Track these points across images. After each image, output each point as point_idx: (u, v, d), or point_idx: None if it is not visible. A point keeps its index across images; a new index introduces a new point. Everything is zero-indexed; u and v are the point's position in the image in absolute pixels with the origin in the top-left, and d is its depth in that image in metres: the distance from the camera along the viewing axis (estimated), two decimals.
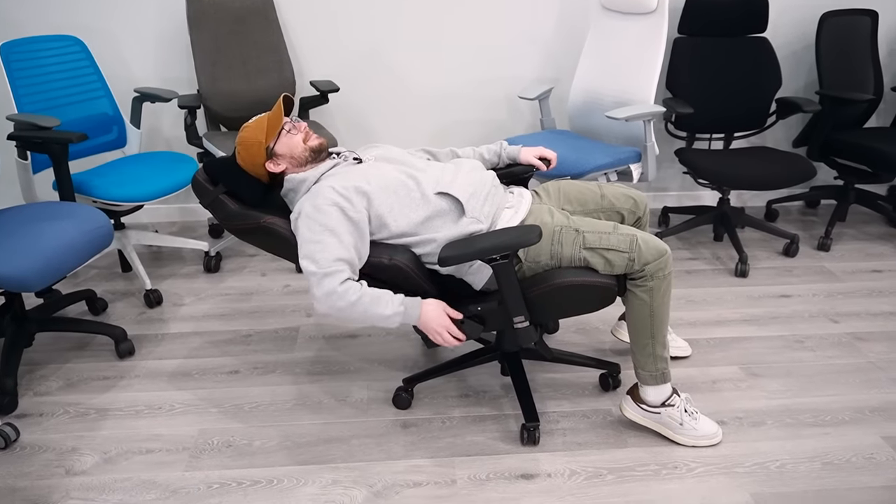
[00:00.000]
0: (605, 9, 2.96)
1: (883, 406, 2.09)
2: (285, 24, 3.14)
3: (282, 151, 1.88)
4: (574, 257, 1.81)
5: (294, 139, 1.89)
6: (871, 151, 2.93)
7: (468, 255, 1.70)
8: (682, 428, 1.92)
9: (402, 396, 2.10)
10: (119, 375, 2.26)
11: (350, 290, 1.68)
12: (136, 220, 3.44)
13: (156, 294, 2.68)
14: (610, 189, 2.08)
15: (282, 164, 1.89)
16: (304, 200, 1.79)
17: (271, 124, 1.87)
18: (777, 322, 2.55)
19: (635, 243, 1.78)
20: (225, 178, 1.91)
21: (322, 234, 1.71)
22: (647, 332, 1.85)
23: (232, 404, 2.12)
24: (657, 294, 1.81)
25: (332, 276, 1.68)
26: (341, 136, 3.37)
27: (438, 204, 1.81)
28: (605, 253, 1.79)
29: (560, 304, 1.83)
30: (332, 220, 1.72)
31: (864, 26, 3.18)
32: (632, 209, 2.07)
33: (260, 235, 1.87)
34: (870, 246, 3.16)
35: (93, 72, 2.79)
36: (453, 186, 1.82)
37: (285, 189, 1.90)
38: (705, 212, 3.19)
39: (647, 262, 1.78)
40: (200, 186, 1.92)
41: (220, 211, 1.88)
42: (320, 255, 1.70)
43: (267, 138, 1.87)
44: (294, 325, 2.55)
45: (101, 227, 2.16)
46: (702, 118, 3.05)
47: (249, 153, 1.89)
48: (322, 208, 1.74)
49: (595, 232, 1.81)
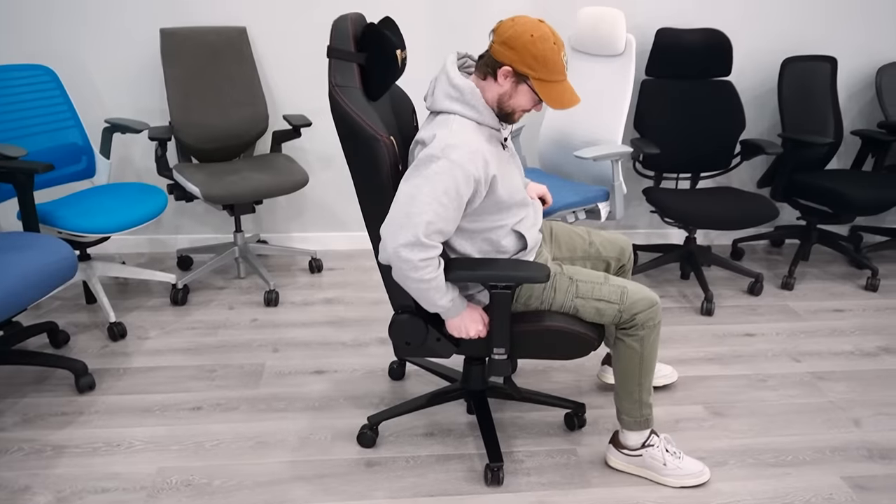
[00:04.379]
0: (575, 50, 3.03)
1: (843, 446, 2.11)
2: (259, 59, 3.17)
3: (503, 84, 1.67)
4: (565, 304, 1.82)
5: (530, 103, 1.69)
6: (831, 193, 3.01)
7: (476, 276, 1.71)
8: (666, 469, 1.92)
9: (366, 434, 2.08)
10: (78, 411, 2.21)
11: (428, 269, 1.61)
12: (104, 251, 3.40)
13: (120, 327, 2.65)
14: (598, 236, 2.10)
15: (493, 86, 1.68)
16: (455, 138, 1.60)
17: (558, 75, 1.66)
18: (741, 361, 2.58)
19: (625, 295, 1.80)
20: (374, 46, 1.66)
21: (444, 198, 1.58)
22: (636, 380, 1.87)
23: (193, 442, 2.08)
24: (647, 343, 1.83)
25: (426, 249, 1.59)
26: (313, 171, 3.38)
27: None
28: (595, 303, 1.80)
29: (541, 346, 1.83)
30: (462, 189, 1.60)
31: (823, 72, 3.29)
32: (617, 257, 2.10)
33: (358, 144, 1.65)
34: (832, 285, 3.23)
35: (63, 101, 2.78)
36: (531, 232, 1.83)
37: (452, 93, 1.67)
38: (672, 250, 3.24)
39: (637, 312, 1.80)
40: (343, 41, 1.67)
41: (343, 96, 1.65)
42: (427, 219, 1.57)
43: (536, 72, 1.64)
44: (260, 361, 2.52)
45: (64, 259, 2.14)
46: (669, 158, 3.12)
47: (520, 49, 1.62)
48: (465, 170, 1.58)
49: (588, 282, 1.83)
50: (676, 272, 3.34)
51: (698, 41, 3.09)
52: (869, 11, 3.33)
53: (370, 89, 1.70)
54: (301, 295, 3.04)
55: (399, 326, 1.82)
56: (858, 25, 3.35)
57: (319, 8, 3.10)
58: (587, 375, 2.45)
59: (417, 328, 1.81)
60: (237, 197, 2.73)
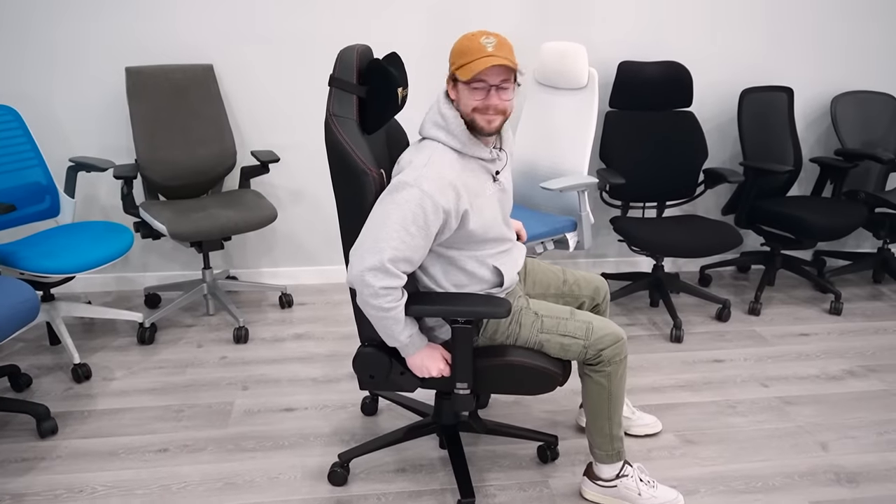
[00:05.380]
0: (539, 84, 3.09)
1: (811, 470, 2.13)
2: (226, 95, 3.17)
3: (453, 96, 1.71)
4: (530, 339, 1.81)
5: (473, 97, 1.65)
6: (793, 219, 3.08)
7: (436, 311, 1.71)
8: (641, 498, 1.92)
9: (337, 472, 2.05)
10: (39, 457, 2.16)
11: (388, 298, 1.61)
12: (70, 290, 3.34)
13: (84, 368, 2.59)
14: (572, 275, 2.09)
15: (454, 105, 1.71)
16: (430, 169, 1.62)
17: (474, 55, 1.62)
18: (710, 387, 2.60)
19: (590, 331, 1.80)
20: (377, 80, 1.69)
21: (412, 227, 1.59)
22: (605, 415, 1.87)
23: (159, 485, 2.04)
24: (614, 378, 1.83)
25: (389, 276, 1.60)
26: (283, 206, 3.38)
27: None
28: (560, 338, 1.80)
29: (505, 381, 1.83)
30: (430, 219, 1.61)
31: (781, 102, 3.39)
32: (591, 296, 2.08)
33: (346, 175, 1.69)
34: (797, 310, 3.28)
35: (26, 141, 2.76)
36: (509, 270, 1.83)
37: (439, 121, 1.71)
38: (641, 278, 3.27)
39: (603, 348, 1.79)
40: (346, 72, 1.71)
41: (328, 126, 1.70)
42: (393, 245, 1.59)
43: (456, 65, 1.65)
44: (229, 400, 2.48)
45: (25, 301, 2.10)
46: (634, 188, 3.17)
47: (450, 56, 1.69)
48: (434, 201, 1.60)
49: (553, 317, 1.82)
50: (646, 300, 3.37)
51: (659, 73, 3.17)
52: (822, 44, 3.44)
53: (367, 123, 1.72)
54: (271, 331, 3.01)
55: (363, 359, 1.82)
56: (812, 57, 3.46)
57: (286, 44, 3.13)
58: (562, 407, 2.45)
59: (381, 362, 1.80)
60: (205, 234, 2.71)
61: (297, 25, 3.11)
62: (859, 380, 2.66)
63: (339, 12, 3.11)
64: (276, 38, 3.12)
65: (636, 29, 3.31)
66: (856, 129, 3.46)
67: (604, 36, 3.30)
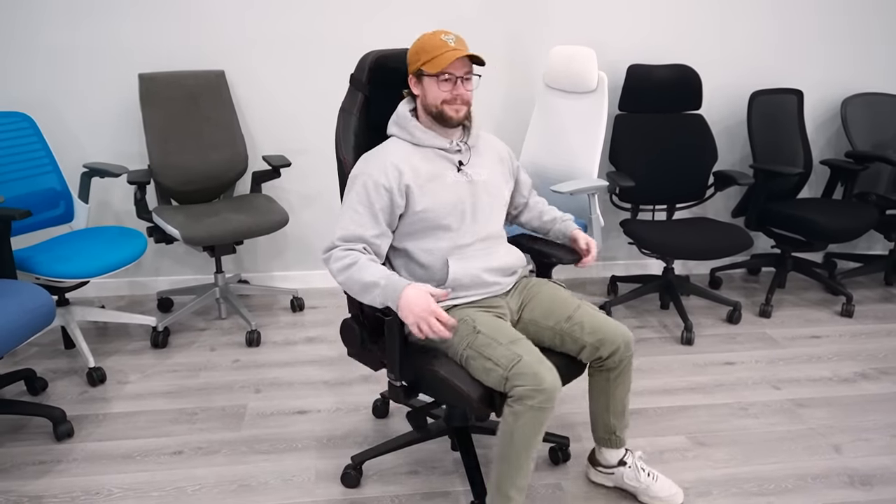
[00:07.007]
0: (549, 87, 3.10)
1: (824, 473, 2.13)
2: (238, 101, 3.20)
3: (417, 91, 1.82)
4: (458, 352, 1.72)
5: (442, 88, 1.76)
6: (803, 221, 3.07)
7: (354, 292, 1.72)
8: None
9: (350, 475, 2.06)
10: (56, 459, 2.18)
11: (346, 258, 1.71)
12: (83, 295, 3.37)
13: (99, 372, 2.62)
14: (587, 315, 1.83)
15: (417, 102, 1.84)
16: (374, 154, 1.80)
17: (439, 50, 1.74)
18: (722, 389, 2.60)
19: (516, 364, 1.61)
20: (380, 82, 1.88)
21: (358, 206, 1.75)
22: (504, 458, 1.67)
23: (174, 487, 2.06)
24: (519, 423, 1.62)
25: (343, 252, 1.73)
26: (294, 210, 3.40)
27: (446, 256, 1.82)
28: (484, 361, 1.65)
29: (434, 389, 1.78)
30: (373, 197, 1.74)
31: (790, 104, 3.39)
32: (595, 345, 1.79)
33: (337, 160, 1.91)
34: (808, 312, 3.28)
35: (41, 147, 2.79)
36: (466, 269, 1.81)
37: (396, 119, 1.85)
38: (652, 280, 3.27)
39: (517, 385, 1.59)
40: (360, 72, 1.90)
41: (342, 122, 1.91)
42: (343, 225, 1.76)
43: (421, 61, 1.76)
44: (242, 403, 2.50)
45: (42, 306, 2.12)
46: (644, 190, 3.17)
47: (410, 56, 1.81)
48: (374, 179, 1.74)
49: (489, 336, 1.68)
50: (656, 302, 3.37)
51: (668, 76, 3.18)
52: (832, 46, 3.44)
53: (369, 117, 1.90)
54: (283, 334, 3.03)
55: (342, 331, 1.94)
56: (822, 59, 3.46)
57: (297, 50, 3.15)
58: (574, 409, 2.46)
59: (353, 333, 1.88)
60: (217, 238, 2.73)
61: (307, 31, 3.14)
62: (872, 382, 2.66)
63: (355, 16, 3.13)
64: (287, 43, 3.14)
65: (645, 32, 3.32)
66: (866, 131, 3.45)
67: (613, 39, 3.31)
